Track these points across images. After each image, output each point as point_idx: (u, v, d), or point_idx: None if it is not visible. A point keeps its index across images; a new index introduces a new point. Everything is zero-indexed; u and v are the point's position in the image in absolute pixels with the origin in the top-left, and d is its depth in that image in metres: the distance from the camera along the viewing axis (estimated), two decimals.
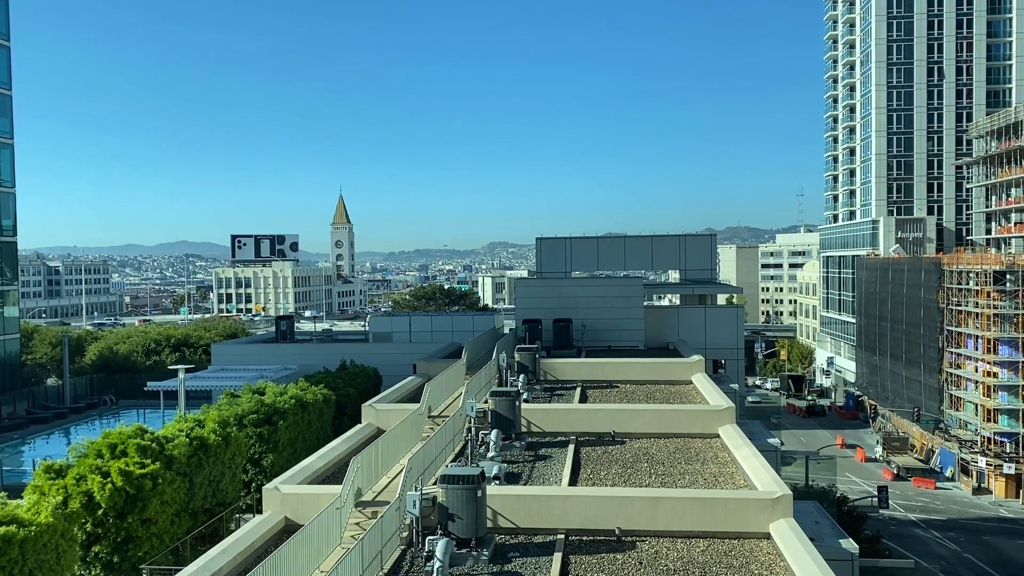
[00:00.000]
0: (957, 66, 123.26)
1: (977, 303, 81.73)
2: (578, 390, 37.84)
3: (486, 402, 29.25)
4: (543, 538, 20.50)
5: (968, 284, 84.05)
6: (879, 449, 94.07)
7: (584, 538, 20.52)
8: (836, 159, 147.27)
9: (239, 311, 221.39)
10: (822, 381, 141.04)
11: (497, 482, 23.14)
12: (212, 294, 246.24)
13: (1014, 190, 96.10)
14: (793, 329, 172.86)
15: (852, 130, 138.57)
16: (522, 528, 20.84)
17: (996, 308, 79.68)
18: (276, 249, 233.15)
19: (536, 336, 48.56)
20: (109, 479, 27.36)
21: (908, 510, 74.89)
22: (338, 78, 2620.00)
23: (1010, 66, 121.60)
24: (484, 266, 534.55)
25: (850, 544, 28.15)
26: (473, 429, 27.66)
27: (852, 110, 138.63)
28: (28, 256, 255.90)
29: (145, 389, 63.63)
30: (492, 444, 26.43)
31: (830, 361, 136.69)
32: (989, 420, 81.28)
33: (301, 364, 61.19)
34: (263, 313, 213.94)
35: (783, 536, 19.53)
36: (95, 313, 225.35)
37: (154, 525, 28.39)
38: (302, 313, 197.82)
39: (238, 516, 33.44)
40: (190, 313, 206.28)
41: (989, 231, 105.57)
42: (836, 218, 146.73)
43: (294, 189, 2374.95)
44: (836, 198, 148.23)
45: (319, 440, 40.11)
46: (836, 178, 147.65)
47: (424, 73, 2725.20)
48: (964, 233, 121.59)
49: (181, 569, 18.37)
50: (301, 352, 66.06)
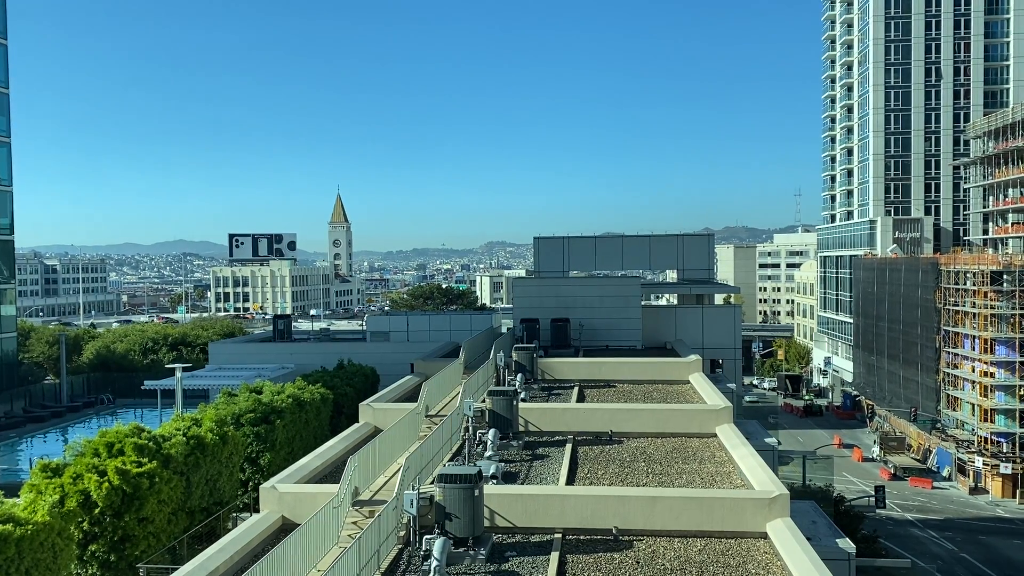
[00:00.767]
0: (955, 67, 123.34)
1: (974, 303, 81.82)
2: (576, 389, 37.84)
3: (484, 401, 29.24)
4: (540, 537, 20.51)
5: (965, 284, 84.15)
6: (876, 449, 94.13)
7: (581, 537, 20.53)
8: (834, 159, 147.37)
9: (236, 310, 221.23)
10: (819, 381, 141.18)
11: (494, 481, 23.15)
12: (210, 293, 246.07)
13: (1011, 190, 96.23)
14: (790, 329, 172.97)
15: (850, 130, 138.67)
16: (519, 527, 20.85)
17: (993, 308, 79.79)
18: (274, 248, 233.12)
19: (534, 335, 48.57)
20: (106, 478, 27.36)
21: (905, 510, 74.98)
22: (337, 77, 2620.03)
23: (1008, 67, 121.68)
24: (482, 265, 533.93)
25: (847, 544, 28.13)
26: (471, 428, 27.65)
27: (850, 110, 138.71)
28: (25, 255, 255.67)
29: (142, 388, 63.74)
30: (489, 443, 26.44)
31: (827, 361, 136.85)
32: (986, 420, 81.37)
33: (298, 363, 61.24)
34: (261, 312, 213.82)
35: (780, 536, 19.55)
36: (92, 312, 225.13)
37: (151, 524, 28.38)
38: (308, 312, 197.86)
39: (235, 515, 33.48)
40: (187, 312, 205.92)
41: (986, 231, 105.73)
42: (834, 218, 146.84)
43: (292, 188, 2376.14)
44: (834, 198, 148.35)
45: (316, 439, 40.13)
46: (834, 178, 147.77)
47: (423, 73, 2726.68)
48: (961, 233, 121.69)
49: (178, 568, 18.35)
50: (298, 351, 66.09)
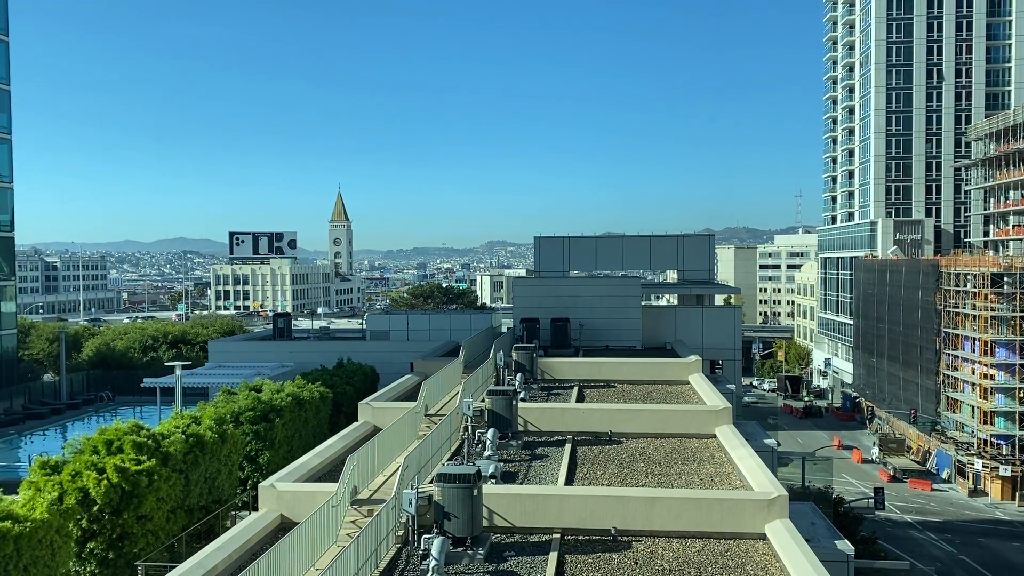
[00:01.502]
0: (956, 68, 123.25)
1: (974, 305, 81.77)
2: (575, 389, 37.82)
3: (483, 401, 29.22)
4: (539, 537, 20.49)
5: (966, 286, 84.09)
6: (876, 450, 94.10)
7: (580, 537, 20.52)
8: (835, 160, 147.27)
9: (237, 308, 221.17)
10: (819, 382, 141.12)
11: (493, 481, 23.13)
12: (210, 291, 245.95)
13: (1012, 193, 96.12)
14: (791, 330, 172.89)
15: (851, 131, 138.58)
16: (518, 527, 20.83)
17: (993, 310, 79.73)
18: (274, 246, 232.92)
19: (534, 335, 48.58)
20: (105, 475, 27.34)
21: (904, 512, 74.95)
22: (338, 76, 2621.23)
23: (1009, 68, 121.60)
24: (482, 265, 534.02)
25: (846, 545, 28.13)
26: (470, 428, 27.61)
27: (851, 112, 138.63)
28: (26, 252, 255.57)
29: (142, 386, 63.64)
30: (489, 443, 26.41)
31: (827, 362, 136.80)
32: (985, 422, 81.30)
33: (298, 362, 61.29)
34: (260, 311, 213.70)
35: (779, 537, 19.53)
36: (92, 309, 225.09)
37: (149, 522, 28.35)
38: (314, 310, 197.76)
39: (234, 513, 33.51)
40: (188, 310, 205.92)
41: (987, 233, 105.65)
42: (834, 219, 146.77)
43: (293, 187, 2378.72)
44: (835, 199, 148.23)
45: (315, 438, 40.14)
46: (835, 179, 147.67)
47: (423, 72, 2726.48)
48: (962, 235, 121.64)
49: (176, 566, 18.35)
50: (298, 350, 66.11)
